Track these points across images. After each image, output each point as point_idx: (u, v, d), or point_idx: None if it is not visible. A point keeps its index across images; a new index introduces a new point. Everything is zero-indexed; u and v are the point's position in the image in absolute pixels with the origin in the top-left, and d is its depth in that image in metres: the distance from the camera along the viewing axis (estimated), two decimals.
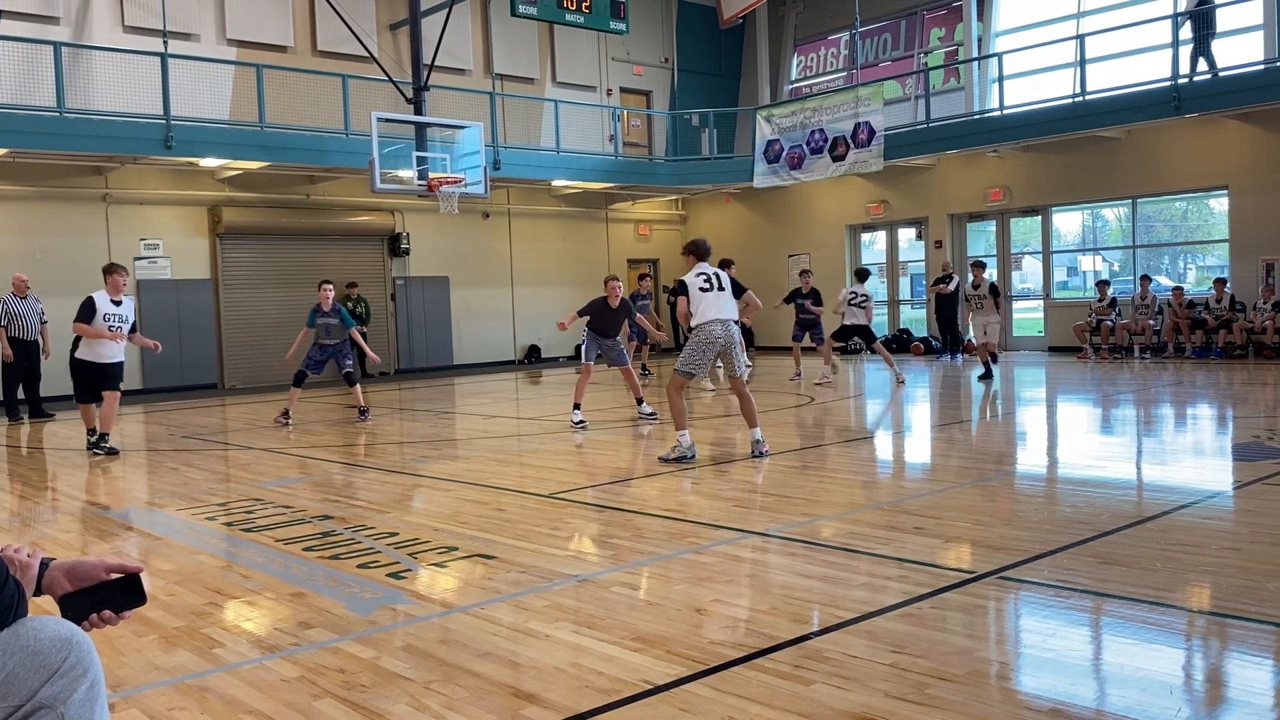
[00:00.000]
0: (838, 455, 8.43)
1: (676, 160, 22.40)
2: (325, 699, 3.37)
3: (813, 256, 22.24)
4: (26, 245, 15.81)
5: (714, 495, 6.78)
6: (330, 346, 12.05)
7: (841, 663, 3.50)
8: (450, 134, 17.45)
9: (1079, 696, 3.20)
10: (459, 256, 20.83)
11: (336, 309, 12.05)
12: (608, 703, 3.24)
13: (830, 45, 23.41)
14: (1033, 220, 19.76)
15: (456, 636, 3.97)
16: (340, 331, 12.05)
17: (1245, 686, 3.24)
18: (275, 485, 7.81)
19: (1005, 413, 11.12)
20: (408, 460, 9.03)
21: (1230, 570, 4.47)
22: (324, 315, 12.02)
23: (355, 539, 5.76)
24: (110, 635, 3.92)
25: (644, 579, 4.77)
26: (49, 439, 11.53)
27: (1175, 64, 15.62)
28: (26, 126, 14.42)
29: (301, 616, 4.32)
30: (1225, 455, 7.99)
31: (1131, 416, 10.39)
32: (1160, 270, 19.85)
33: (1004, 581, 4.44)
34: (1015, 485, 7.00)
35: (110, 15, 16.37)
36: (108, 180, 16.57)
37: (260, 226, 18.22)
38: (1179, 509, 5.75)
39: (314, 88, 17.34)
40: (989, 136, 18.29)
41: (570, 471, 8.17)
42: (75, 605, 2.06)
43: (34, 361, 13.49)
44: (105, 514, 6.95)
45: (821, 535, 5.45)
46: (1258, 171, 16.25)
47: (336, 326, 12.02)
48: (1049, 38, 18.80)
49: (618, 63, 22.99)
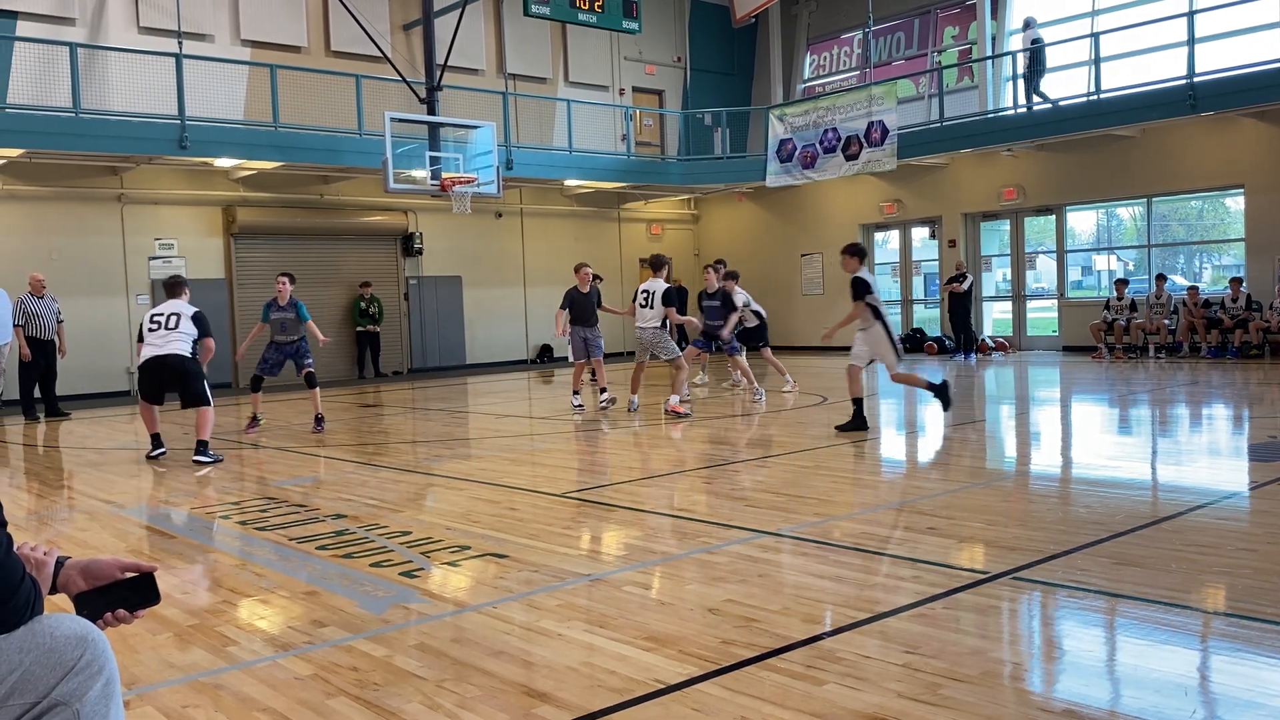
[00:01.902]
0: (850, 455, 8.41)
1: (689, 160, 22.39)
2: (338, 697, 3.38)
3: (825, 256, 22.21)
4: (43, 245, 15.92)
5: (726, 495, 6.78)
6: (287, 345, 11.25)
7: (854, 663, 3.49)
8: (463, 134, 17.48)
9: (1093, 698, 3.18)
10: (472, 256, 20.87)
11: (294, 303, 11.22)
12: (620, 702, 3.24)
13: (843, 44, 23.35)
14: (1047, 219, 19.67)
15: (469, 635, 3.98)
16: (296, 328, 11.22)
17: (1261, 688, 3.22)
18: (289, 484, 7.84)
19: (1019, 412, 11.07)
20: (421, 459, 9.05)
21: (1246, 571, 4.45)
22: (279, 310, 11.22)
23: (368, 538, 5.77)
24: (125, 633, 3.94)
25: (656, 578, 4.77)
26: (65, 438, 11.60)
27: (1191, 61, 15.53)
28: (42, 127, 14.51)
29: (315, 615, 4.33)
30: (1241, 455, 7.94)
31: (1146, 416, 10.34)
32: (1176, 269, 19.76)
33: (1017, 582, 4.43)
34: (1029, 485, 6.97)
35: (125, 16, 16.45)
36: (123, 180, 16.66)
37: (274, 226, 18.29)
38: (1194, 509, 5.72)
39: (328, 88, 17.40)
40: (1003, 135, 18.22)
41: (583, 471, 8.18)
42: (90, 604, 2.08)
43: (50, 360, 13.59)
44: (120, 513, 6.99)
45: (834, 535, 5.44)
46: (1274, 170, 16.13)
47: (292, 322, 11.20)
48: (1062, 36, 18.72)
49: (630, 62, 22.98)
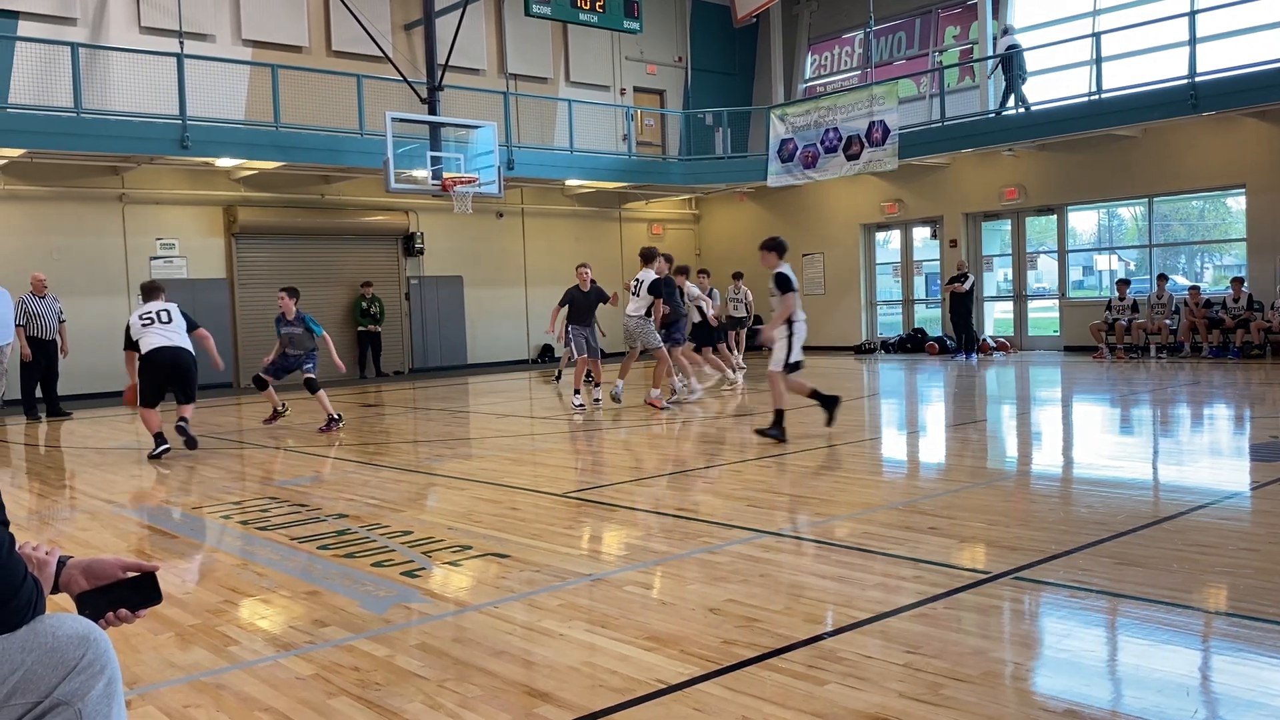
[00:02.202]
0: (851, 455, 8.41)
1: (690, 160, 22.38)
2: (340, 697, 3.38)
3: (827, 256, 22.22)
4: (44, 245, 15.93)
5: (728, 494, 6.77)
6: (294, 357, 11.23)
7: (856, 663, 3.49)
8: (464, 134, 17.49)
9: (1094, 698, 3.18)
10: (473, 256, 20.87)
11: (301, 317, 11.12)
12: (621, 702, 3.24)
13: (844, 44, 23.35)
14: (1048, 219, 19.67)
15: (470, 635, 3.98)
16: (306, 341, 11.15)
17: (1262, 688, 3.21)
18: (290, 484, 7.84)
19: (1021, 412, 11.07)
20: (422, 459, 9.05)
21: (1247, 571, 4.44)
22: (287, 325, 11.15)
23: (370, 537, 5.78)
24: (127, 633, 3.95)
25: (658, 578, 4.77)
26: (66, 437, 11.60)
27: (1192, 61, 15.52)
28: (44, 127, 14.52)
29: (316, 615, 4.33)
30: (1243, 455, 7.94)
31: (1148, 416, 10.33)
32: (1177, 269, 19.74)
33: (1019, 582, 4.42)
34: (1030, 485, 6.97)
35: (127, 16, 16.46)
36: (124, 180, 16.66)
37: (275, 226, 18.30)
38: (1196, 509, 5.72)
39: (329, 88, 17.40)
40: (1004, 135, 18.21)
41: (584, 470, 8.18)
42: (92, 603, 2.08)
43: (52, 360, 13.60)
44: (122, 512, 6.99)
45: (835, 535, 5.44)
46: (1276, 170, 16.12)
47: (300, 336, 11.13)
48: (1064, 36, 18.72)
49: (631, 62, 22.98)
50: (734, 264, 18.62)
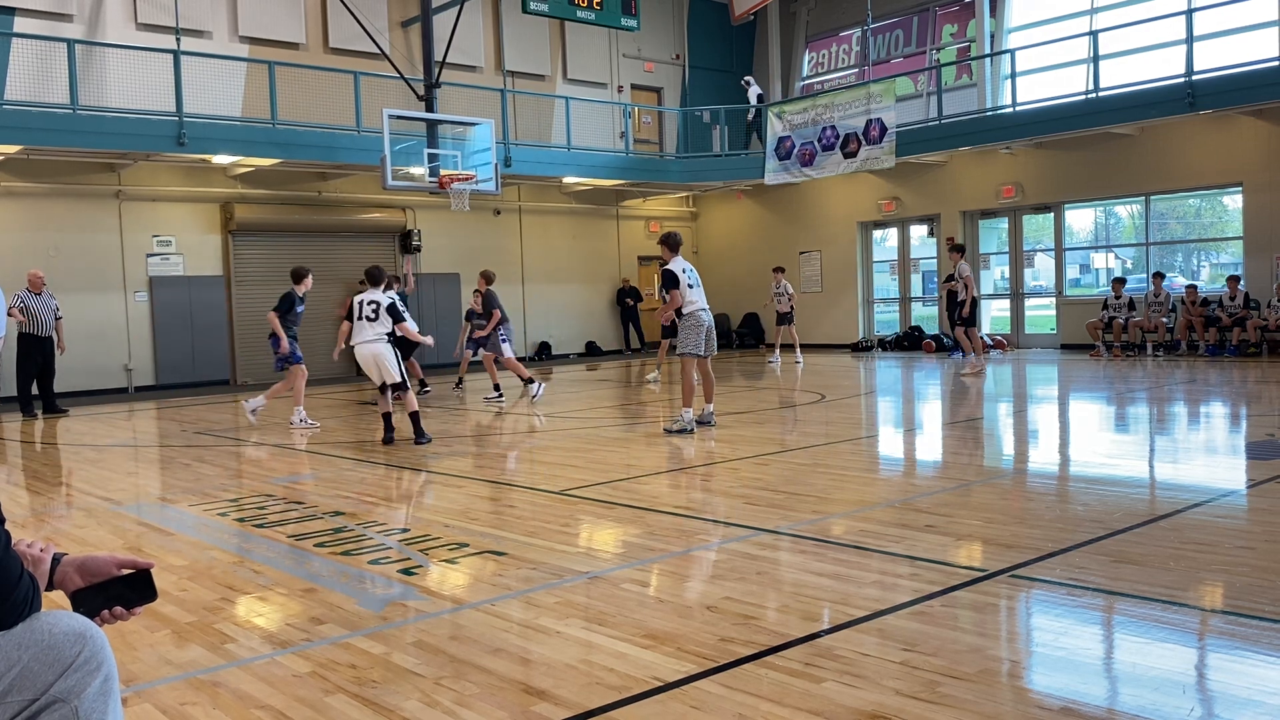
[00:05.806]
0: (848, 453, 8.42)
1: (687, 157, 22.37)
2: (336, 694, 3.38)
3: (824, 254, 22.21)
4: (41, 242, 15.90)
5: (724, 492, 6.78)
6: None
7: (852, 660, 3.49)
8: (461, 131, 17.47)
9: (1091, 695, 3.19)
10: (470, 253, 20.84)
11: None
12: (618, 699, 3.24)
13: (842, 42, 23.34)
14: (1045, 217, 19.68)
15: (467, 633, 3.98)
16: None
17: (1259, 685, 3.22)
18: (287, 481, 7.84)
19: (1017, 410, 11.08)
20: (419, 456, 9.05)
21: (1243, 569, 4.45)
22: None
23: (366, 535, 5.77)
24: (123, 630, 3.94)
25: (654, 576, 4.77)
26: (63, 434, 11.59)
27: (1189, 60, 15.53)
28: (40, 123, 14.49)
29: (313, 612, 4.33)
30: (1239, 454, 7.94)
31: (1144, 414, 10.34)
32: (1174, 267, 19.77)
33: (1016, 580, 4.43)
34: (1027, 483, 6.97)
35: (123, 12, 16.42)
36: (121, 177, 16.64)
37: (272, 223, 18.27)
38: (1192, 507, 5.73)
39: (326, 85, 17.38)
40: (1001, 133, 18.22)
41: (580, 468, 8.18)
42: (87, 600, 2.07)
43: (49, 357, 13.58)
44: (118, 509, 6.98)
45: (832, 533, 5.44)
46: (1272, 168, 16.14)
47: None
48: (1062, 34, 18.72)
49: (629, 59, 22.97)
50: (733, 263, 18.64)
